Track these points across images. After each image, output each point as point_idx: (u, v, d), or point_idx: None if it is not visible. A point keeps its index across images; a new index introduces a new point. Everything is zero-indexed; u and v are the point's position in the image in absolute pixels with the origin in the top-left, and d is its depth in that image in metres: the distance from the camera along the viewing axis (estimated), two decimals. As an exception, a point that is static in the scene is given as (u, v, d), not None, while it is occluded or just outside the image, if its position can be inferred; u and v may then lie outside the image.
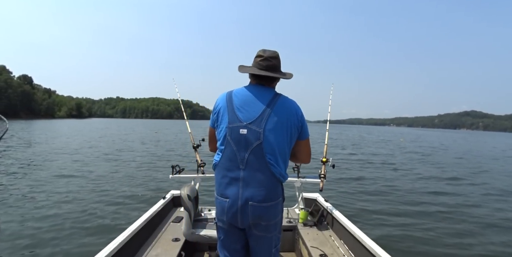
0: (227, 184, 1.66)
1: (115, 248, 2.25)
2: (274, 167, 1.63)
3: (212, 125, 1.82)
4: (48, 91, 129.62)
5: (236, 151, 1.63)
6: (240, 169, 1.63)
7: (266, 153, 1.61)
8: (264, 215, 1.65)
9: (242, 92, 1.72)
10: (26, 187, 7.69)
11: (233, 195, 1.64)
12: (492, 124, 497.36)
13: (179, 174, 3.71)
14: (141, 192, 7.52)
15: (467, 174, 12.33)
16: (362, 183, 9.35)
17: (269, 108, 1.64)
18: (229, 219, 1.67)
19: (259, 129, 1.61)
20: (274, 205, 1.67)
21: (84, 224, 5.30)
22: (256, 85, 1.74)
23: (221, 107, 1.71)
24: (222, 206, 1.67)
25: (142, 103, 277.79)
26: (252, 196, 1.62)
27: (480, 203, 7.49)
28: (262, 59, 1.71)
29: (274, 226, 1.72)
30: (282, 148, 1.66)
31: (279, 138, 1.64)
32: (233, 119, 1.64)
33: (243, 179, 1.62)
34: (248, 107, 1.65)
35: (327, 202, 3.51)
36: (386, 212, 6.32)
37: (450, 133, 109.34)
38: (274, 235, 1.75)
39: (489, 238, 5.21)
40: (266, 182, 1.63)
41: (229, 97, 1.71)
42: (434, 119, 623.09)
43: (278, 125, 1.63)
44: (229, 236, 1.76)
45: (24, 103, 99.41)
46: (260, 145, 1.61)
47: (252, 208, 1.62)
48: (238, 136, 1.62)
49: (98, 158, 13.35)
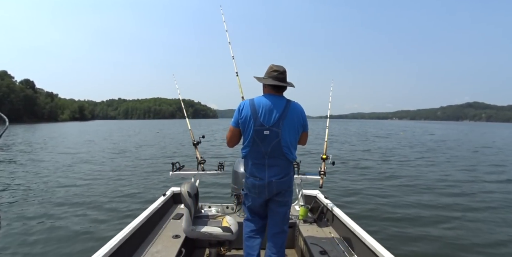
0: (256, 169, 2.31)
1: (116, 244, 2.28)
2: (288, 155, 2.28)
3: (235, 125, 2.34)
4: (50, 94, 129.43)
5: (262, 146, 2.24)
6: (265, 158, 2.27)
7: (283, 146, 2.25)
8: (283, 187, 2.32)
9: (263, 101, 2.27)
10: (29, 183, 7.82)
11: (261, 176, 2.29)
12: (495, 115, 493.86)
13: (179, 171, 3.74)
14: (142, 189, 7.58)
15: (480, 168, 12.08)
16: (369, 178, 9.38)
17: (284, 113, 2.24)
18: (259, 191, 2.32)
19: (278, 130, 2.22)
20: (289, 178, 2.35)
21: (85, 221, 5.38)
22: (272, 95, 2.31)
23: (247, 114, 2.25)
24: (253, 183, 2.33)
25: (144, 104, 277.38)
26: (274, 175, 2.28)
27: (487, 199, 7.30)
28: (279, 73, 2.29)
29: (290, 192, 2.41)
30: (294, 141, 2.32)
31: (291, 134, 2.28)
32: (258, 124, 2.22)
33: (268, 164, 2.27)
34: (269, 114, 2.23)
35: (327, 199, 3.52)
36: (386, 210, 6.26)
37: (453, 125, 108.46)
38: (288, 199, 2.41)
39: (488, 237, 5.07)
40: (283, 165, 2.30)
41: (252, 105, 2.26)
42: (436, 111, 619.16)
43: (290, 125, 2.26)
44: (256, 204, 2.43)
45: (27, 107, 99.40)
46: (279, 141, 2.23)
47: (275, 184, 2.28)
48: (263, 136, 2.23)
49: (100, 157, 13.48)
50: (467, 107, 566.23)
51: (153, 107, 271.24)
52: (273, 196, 2.34)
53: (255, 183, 2.32)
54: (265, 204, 2.44)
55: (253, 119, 2.23)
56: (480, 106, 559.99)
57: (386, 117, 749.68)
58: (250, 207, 2.49)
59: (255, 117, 2.22)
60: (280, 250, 2.42)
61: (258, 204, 2.43)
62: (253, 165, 2.32)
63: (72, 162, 12.03)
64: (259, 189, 2.31)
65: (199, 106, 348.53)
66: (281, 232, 2.43)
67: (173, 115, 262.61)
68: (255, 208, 2.48)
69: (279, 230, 2.43)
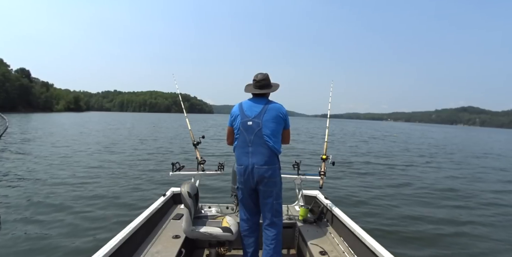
0: (242, 157, 2.60)
1: (116, 245, 2.27)
2: (270, 143, 2.56)
3: (230, 125, 2.76)
4: (46, 84, 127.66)
5: (246, 135, 2.58)
6: (249, 146, 2.57)
7: (264, 135, 2.56)
8: (264, 174, 2.54)
9: (248, 101, 2.72)
10: (28, 183, 7.72)
11: (245, 163, 2.57)
12: (489, 120, 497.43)
13: (179, 171, 3.72)
14: (141, 189, 7.52)
15: (475, 172, 12.21)
16: (368, 180, 9.42)
17: (264, 108, 2.63)
18: (245, 179, 2.59)
19: (259, 121, 2.58)
20: (271, 168, 2.57)
21: (84, 221, 5.31)
22: (255, 97, 2.74)
23: (236, 112, 2.69)
24: (240, 171, 2.61)
25: (140, 97, 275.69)
26: (256, 162, 2.54)
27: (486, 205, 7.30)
28: (255, 82, 2.72)
29: (274, 183, 2.59)
30: (275, 132, 2.60)
31: (271, 125, 2.58)
32: (243, 117, 2.63)
33: (251, 152, 2.56)
34: (252, 108, 2.65)
35: (327, 199, 3.52)
36: (386, 210, 6.32)
37: (448, 129, 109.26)
38: (274, 191, 2.60)
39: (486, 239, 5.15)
40: (265, 153, 2.55)
41: (240, 105, 2.71)
42: (431, 114, 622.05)
43: (270, 118, 2.59)
44: (245, 195, 2.66)
45: (22, 97, 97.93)
46: (260, 130, 2.56)
47: (256, 170, 2.54)
48: (247, 126, 2.59)
49: (96, 154, 13.33)
50: (462, 111, 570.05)
51: (148, 100, 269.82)
52: (257, 184, 2.58)
53: (241, 171, 2.60)
54: (254, 196, 2.66)
55: (240, 114, 2.65)
56: (474, 111, 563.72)
57: (381, 118, 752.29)
58: (242, 200, 2.72)
59: (241, 112, 2.65)
60: (273, 242, 2.57)
61: (247, 195, 2.65)
62: (240, 153, 2.63)
63: (68, 161, 11.87)
64: (244, 177, 2.59)
65: (195, 101, 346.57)
66: (271, 224, 2.61)
67: (168, 109, 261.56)
68: (246, 201, 2.69)
69: (269, 222, 2.61)
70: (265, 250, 2.57)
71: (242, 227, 2.73)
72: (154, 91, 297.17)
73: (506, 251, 4.68)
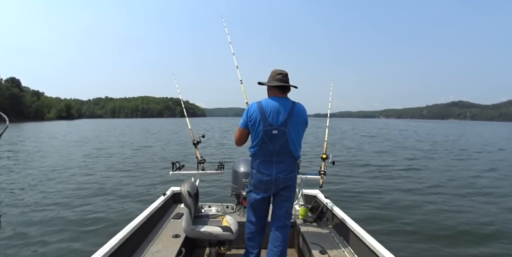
0: (264, 166, 2.45)
1: (116, 244, 2.28)
2: (295, 152, 2.45)
3: (244, 126, 2.51)
4: (36, 93, 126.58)
5: (270, 145, 2.39)
6: (272, 156, 2.41)
7: (290, 145, 2.41)
8: (288, 182, 2.47)
9: (270, 103, 2.43)
10: (29, 186, 7.68)
11: (269, 172, 2.43)
12: (480, 114, 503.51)
13: (179, 170, 3.73)
14: (142, 188, 7.52)
15: (476, 168, 12.11)
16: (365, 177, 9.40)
17: (291, 114, 2.40)
18: (266, 187, 2.47)
19: (285, 129, 2.37)
20: (294, 175, 2.51)
21: (85, 220, 5.34)
22: (278, 97, 2.48)
23: (257, 116, 2.40)
24: (260, 179, 2.46)
25: (132, 102, 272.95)
26: (281, 171, 2.43)
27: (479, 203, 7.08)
28: (283, 76, 2.48)
29: (294, 188, 2.57)
30: (299, 140, 2.49)
31: (297, 133, 2.44)
32: (266, 124, 2.37)
33: (275, 161, 2.42)
34: (277, 115, 2.39)
35: (327, 199, 3.53)
36: (386, 210, 6.24)
37: (439, 124, 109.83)
38: (292, 195, 2.56)
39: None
40: (289, 162, 2.46)
41: (260, 108, 2.41)
42: (422, 110, 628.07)
43: (296, 125, 2.43)
44: (259, 200, 2.54)
45: (13, 106, 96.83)
46: (286, 140, 2.38)
47: (282, 180, 2.44)
48: (271, 135, 2.37)
49: (96, 157, 13.28)
50: (452, 106, 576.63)
51: (140, 106, 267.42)
52: (278, 190, 2.49)
53: (262, 179, 2.46)
54: (267, 200, 2.59)
55: (262, 120, 2.38)
56: (465, 105, 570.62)
57: (373, 115, 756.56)
58: (252, 204, 2.59)
59: (264, 118, 2.38)
60: (282, 244, 2.50)
61: (261, 199, 2.54)
62: (261, 162, 2.46)
63: (67, 163, 11.83)
64: (266, 185, 2.46)
65: (188, 104, 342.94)
66: (283, 226, 2.54)
67: (161, 113, 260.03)
68: (257, 205, 2.58)
69: (282, 224, 2.53)
70: (272, 251, 2.49)
71: (249, 229, 2.63)
72: (146, 97, 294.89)
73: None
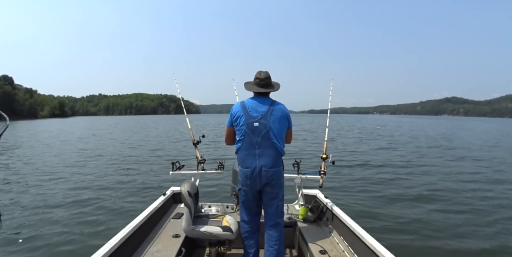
0: (248, 159, 2.51)
1: (116, 244, 2.27)
2: (277, 145, 2.51)
3: (230, 125, 2.64)
4: (29, 91, 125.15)
5: (252, 137, 2.49)
6: (256, 148, 2.49)
7: (272, 137, 2.49)
8: (272, 177, 2.49)
9: (251, 100, 2.59)
10: (28, 187, 7.63)
11: (252, 165, 2.48)
12: (473, 110, 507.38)
13: (179, 170, 3.72)
14: (141, 188, 7.51)
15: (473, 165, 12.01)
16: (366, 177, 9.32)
17: (270, 109, 2.53)
18: (251, 182, 2.51)
19: (266, 122, 2.49)
20: (278, 170, 2.53)
21: (85, 220, 5.33)
22: (259, 96, 2.61)
23: (239, 112, 2.55)
24: (246, 173, 2.51)
25: (126, 100, 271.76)
26: (264, 164, 2.47)
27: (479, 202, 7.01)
28: (259, 80, 2.60)
29: (279, 185, 2.57)
30: (281, 133, 2.56)
31: (278, 127, 2.52)
32: (248, 117, 2.50)
33: (258, 154, 2.49)
34: (257, 108, 2.53)
35: (327, 199, 3.51)
36: (386, 210, 6.19)
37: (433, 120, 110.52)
38: (280, 192, 2.58)
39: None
40: (272, 155, 2.50)
41: (242, 105, 2.57)
42: (416, 106, 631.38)
43: (277, 119, 2.52)
44: (249, 197, 2.59)
45: (6, 104, 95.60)
46: (267, 131, 2.48)
47: (265, 172, 2.47)
48: (253, 127, 2.49)
49: (94, 157, 13.21)
50: (446, 102, 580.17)
51: (134, 103, 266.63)
52: (264, 186, 2.52)
53: (247, 174, 2.51)
54: (258, 197, 2.61)
55: (243, 114, 2.52)
56: (458, 101, 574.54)
57: (367, 111, 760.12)
58: (244, 202, 2.64)
59: (245, 112, 2.52)
60: (277, 242, 2.53)
61: (251, 196, 2.59)
62: (245, 155, 2.53)
63: (65, 162, 11.75)
64: (251, 180, 2.51)
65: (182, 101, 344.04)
66: (275, 224, 2.58)
67: (155, 110, 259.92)
68: (248, 203, 2.63)
69: (273, 222, 2.58)
70: (268, 251, 2.52)
71: (244, 228, 2.67)
72: (140, 94, 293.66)
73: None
